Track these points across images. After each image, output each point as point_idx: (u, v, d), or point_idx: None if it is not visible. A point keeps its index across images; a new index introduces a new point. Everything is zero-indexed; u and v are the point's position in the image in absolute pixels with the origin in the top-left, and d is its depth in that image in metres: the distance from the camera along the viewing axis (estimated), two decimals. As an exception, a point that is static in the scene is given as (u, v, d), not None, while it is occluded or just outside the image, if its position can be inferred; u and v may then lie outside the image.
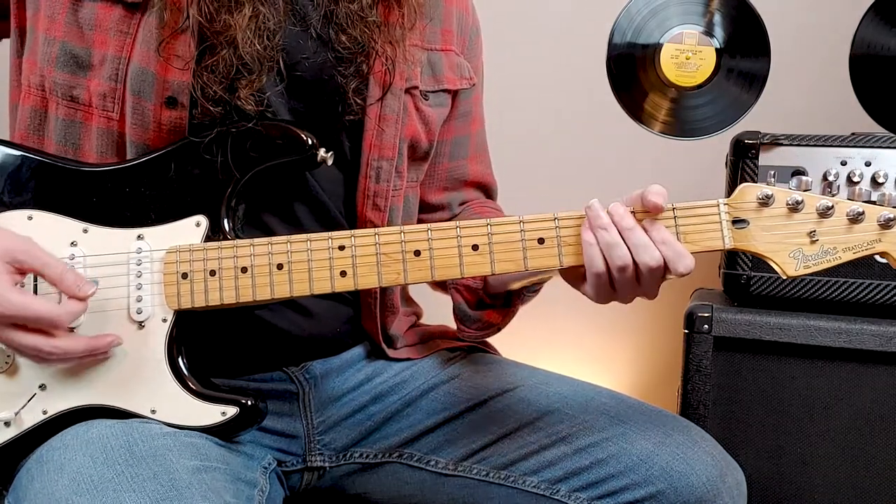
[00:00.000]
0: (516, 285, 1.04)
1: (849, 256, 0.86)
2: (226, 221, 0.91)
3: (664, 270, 0.84)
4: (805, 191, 0.87)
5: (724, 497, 0.94)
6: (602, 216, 0.84)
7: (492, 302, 1.08)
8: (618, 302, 0.88)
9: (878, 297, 1.31)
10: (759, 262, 1.34)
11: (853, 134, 1.32)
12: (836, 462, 1.31)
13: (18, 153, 0.93)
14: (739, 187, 0.87)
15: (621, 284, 0.86)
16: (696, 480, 0.93)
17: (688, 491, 0.93)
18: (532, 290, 1.07)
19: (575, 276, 0.91)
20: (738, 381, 1.34)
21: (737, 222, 0.87)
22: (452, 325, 1.20)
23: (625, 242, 0.84)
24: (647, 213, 0.85)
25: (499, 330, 1.09)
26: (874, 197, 0.88)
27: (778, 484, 1.33)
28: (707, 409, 1.33)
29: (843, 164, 1.30)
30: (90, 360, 0.87)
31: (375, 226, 1.01)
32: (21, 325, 0.83)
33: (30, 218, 0.91)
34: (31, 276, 0.88)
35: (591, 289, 0.88)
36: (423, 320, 1.21)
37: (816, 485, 1.31)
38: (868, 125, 1.33)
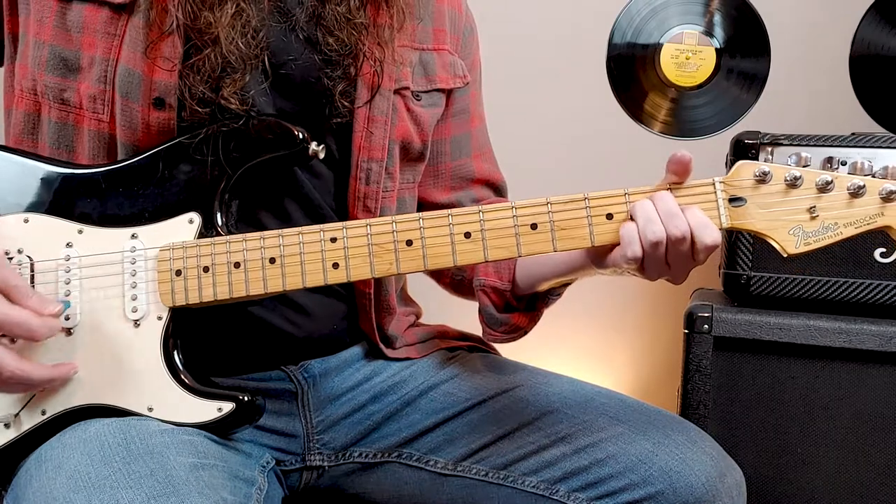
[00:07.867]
0: (545, 286, 1.03)
1: (850, 232, 0.83)
2: (218, 218, 0.91)
3: (690, 245, 0.83)
4: (804, 167, 0.85)
5: (724, 497, 0.94)
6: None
7: (518, 305, 1.07)
8: (644, 278, 0.88)
9: (878, 297, 1.31)
10: (759, 262, 1.34)
11: (853, 134, 1.32)
12: (836, 462, 1.30)
13: (12, 156, 0.93)
14: (736, 164, 0.85)
15: (652, 261, 0.85)
16: (695, 481, 0.93)
17: (687, 491, 0.92)
18: (556, 293, 1.07)
19: (599, 255, 0.90)
20: (738, 381, 1.33)
21: (734, 200, 0.85)
22: (452, 324, 1.20)
23: (658, 215, 0.83)
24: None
25: (525, 333, 1.09)
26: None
27: (778, 484, 1.33)
28: (707, 409, 1.33)
29: (843, 164, 1.30)
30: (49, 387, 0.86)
31: None
32: None
33: (26, 221, 0.91)
34: (26, 270, 0.89)
35: (623, 260, 0.86)
36: (423, 320, 1.21)
37: (816, 485, 1.31)
38: (868, 125, 1.33)
